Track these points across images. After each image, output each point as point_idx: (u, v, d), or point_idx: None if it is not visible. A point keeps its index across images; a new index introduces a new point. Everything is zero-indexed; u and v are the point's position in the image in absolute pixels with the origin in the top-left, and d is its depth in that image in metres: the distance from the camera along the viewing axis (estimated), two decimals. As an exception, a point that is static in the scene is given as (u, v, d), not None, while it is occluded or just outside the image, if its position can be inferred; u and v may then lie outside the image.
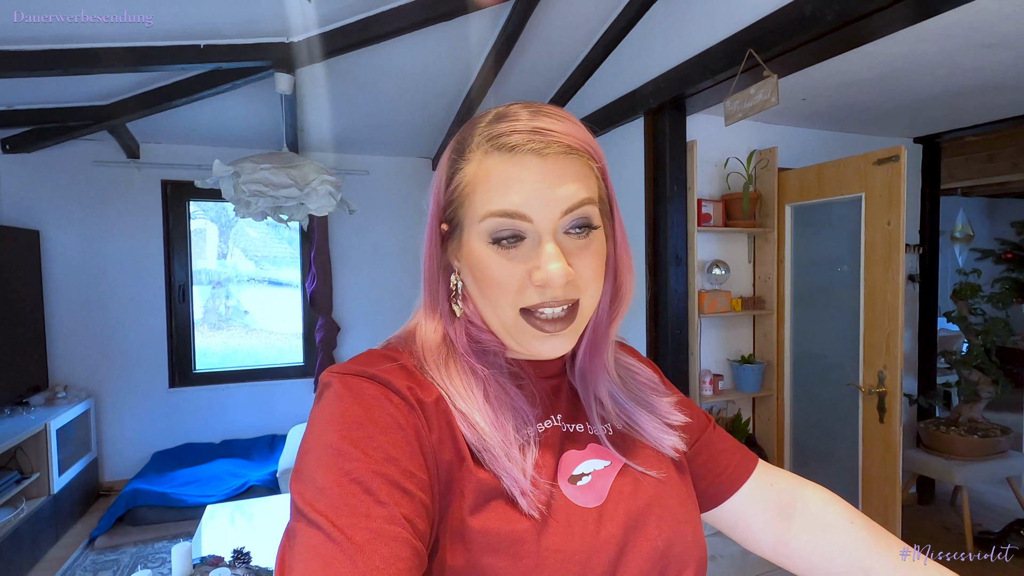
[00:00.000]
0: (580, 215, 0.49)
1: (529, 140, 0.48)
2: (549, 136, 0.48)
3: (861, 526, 0.60)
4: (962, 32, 1.85)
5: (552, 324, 0.49)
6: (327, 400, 0.46)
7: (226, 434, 3.72)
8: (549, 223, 0.48)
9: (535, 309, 0.49)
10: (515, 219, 0.47)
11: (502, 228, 0.48)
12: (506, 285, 0.49)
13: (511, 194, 0.47)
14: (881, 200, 2.20)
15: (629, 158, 2.57)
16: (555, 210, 0.48)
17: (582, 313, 0.51)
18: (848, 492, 2.40)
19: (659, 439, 0.57)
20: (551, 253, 0.47)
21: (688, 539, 0.52)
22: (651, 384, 0.63)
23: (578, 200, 0.48)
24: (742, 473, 0.63)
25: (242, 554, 1.80)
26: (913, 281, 3.17)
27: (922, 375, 3.20)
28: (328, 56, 2.33)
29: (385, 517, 0.39)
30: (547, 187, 0.47)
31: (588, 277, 0.50)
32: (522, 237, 0.48)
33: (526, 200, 0.47)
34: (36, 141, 3.10)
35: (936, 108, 2.64)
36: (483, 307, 0.52)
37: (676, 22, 2.18)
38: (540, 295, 0.48)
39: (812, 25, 1.58)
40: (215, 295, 4.13)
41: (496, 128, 0.49)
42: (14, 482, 2.59)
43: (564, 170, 0.48)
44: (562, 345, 0.51)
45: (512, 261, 0.48)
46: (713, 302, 2.55)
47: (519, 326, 0.50)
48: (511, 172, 0.48)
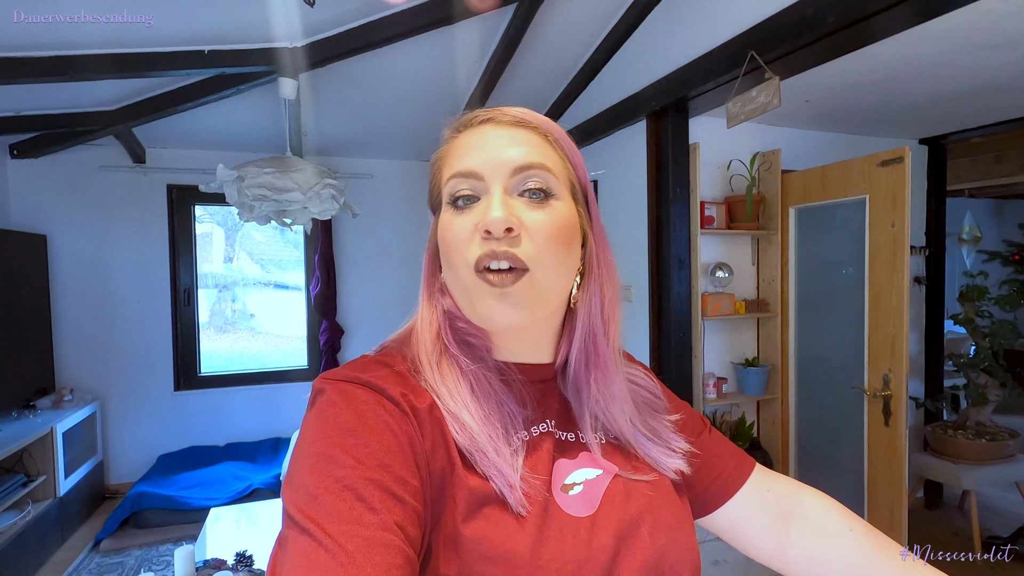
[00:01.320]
0: (533, 176, 0.51)
1: (486, 114, 0.54)
2: (505, 111, 0.54)
3: (861, 532, 0.59)
4: (966, 33, 1.83)
5: (498, 277, 0.48)
6: (320, 407, 0.46)
7: (231, 437, 3.73)
8: (499, 179, 0.50)
9: (482, 263, 0.49)
10: (469, 178, 0.51)
11: (458, 188, 0.51)
12: (459, 241, 0.50)
13: (467, 157, 0.52)
14: (886, 202, 2.19)
15: (632, 161, 2.57)
16: (505, 167, 0.50)
17: (536, 285, 0.50)
18: (854, 496, 2.38)
19: (661, 461, 0.56)
20: (494, 201, 0.49)
21: (682, 547, 0.52)
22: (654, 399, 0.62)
23: (529, 161, 0.51)
24: (738, 478, 0.63)
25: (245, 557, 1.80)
26: (919, 283, 3.15)
27: (929, 378, 3.18)
28: (331, 61, 2.34)
29: (377, 524, 0.39)
30: (499, 148, 0.51)
31: (541, 241, 0.49)
32: (476, 197, 0.51)
33: (478, 160, 0.51)
34: (43, 146, 3.13)
35: (941, 109, 2.63)
36: (449, 279, 0.53)
37: (678, 25, 2.18)
38: (484, 246, 0.49)
39: (814, 27, 1.57)
40: (221, 298, 4.16)
41: (461, 118, 0.56)
42: (20, 485, 2.60)
43: (517, 136, 0.52)
44: (508, 306, 0.49)
45: (465, 217, 0.51)
46: (716, 305, 2.54)
47: (475, 286, 0.50)
48: (469, 141, 0.53)
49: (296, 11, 2.11)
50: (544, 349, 0.57)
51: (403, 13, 2.19)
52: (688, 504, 0.58)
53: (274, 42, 2.29)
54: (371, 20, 2.22)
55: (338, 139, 3.55)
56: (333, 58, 2.32)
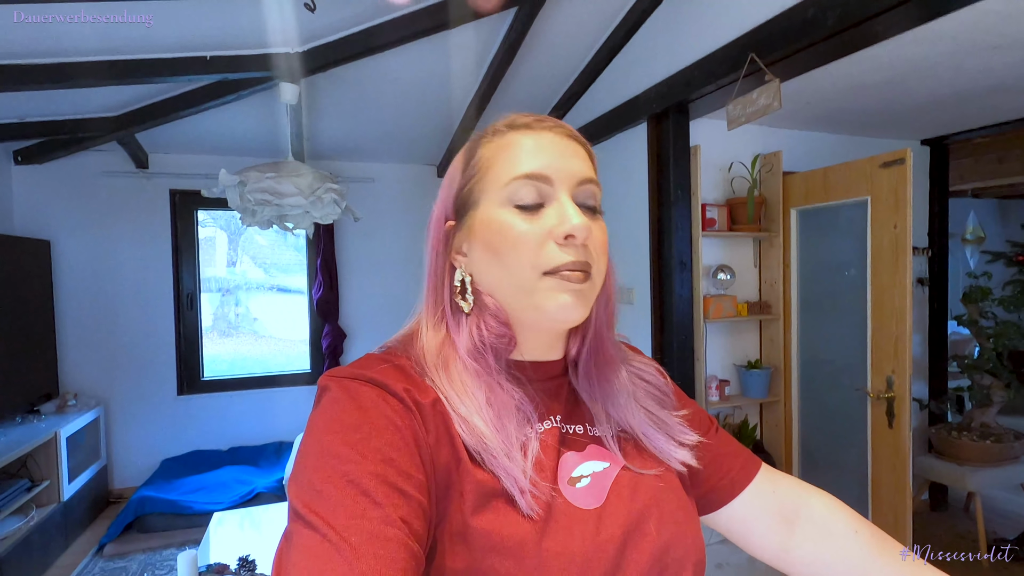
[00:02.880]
0: (590, 192, 0.54)
1: (542, 121, 0.55)
2: (559, 124, 0.55)
3: (866, 534, 0.59)
4: (968, 34, 1.83)
5: (576, 275, 0.51)
6: (325, 404, 0.47)
7: (234, 441, 3.73)
8: (567, 187, 0.52)
9: (559, 270, 0.50)
10: (538, 181, 0.51)
11: (525, 190, 0.51)
12: (527, 243, 0.51)
13: (535, 158, 0.52)
14: (888, 203, 2.19)
15: (633, 163, 2.57)
16: (572, 177, 0.53)
17: (595, 286, 0.53)
18: (858, 498, 2.37)
19: (669, 452, 0.57)
20: (573, 209, 0.51)
21: (687, 541, 0.53)
22: (661, 395, 0.63)
23: (590, 176, 0.54)
24: (744, 477, 0.63)
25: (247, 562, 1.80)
26: (922, 284, 3.14)
27: (933, 379, 3.16)
28: (332, 66, 2.35)
29: (381, 519, 0.39)
30: (564, 157, 0.53)
31: (599, 249, 0.53)
32: (541, 204, 0.52)
33: (548, 164, 0.52)
34: (47, 152, 3.15)
35: (943, 110, 2.62)
36: (498, 277, 0.53)
37: (678, 27, 2.19)
38: (563, 254, 0.50)
39: (814, 29, 1.57)
40: (225, 302, 4.17)
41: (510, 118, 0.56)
42: (24, 490, 2.61)
43: (577, 150, 0.55)
44: (582, 303, 0.52)
45: (533, 220, 0.51)
46: (718, 307, 2.54)
47: (541, 287, 0.51)
48: (531, 142, 0.53)
49: (297, 17, 2.11)
50: (558, 346, 0.59)
51: (403, 18, 2.20)
52: (693, 499, 0.59)
53: (275, 47, 2.30)
54: (372, 25, 2.23)
55: (340, 143, 3.56)
56: (334, 63, 2.32)
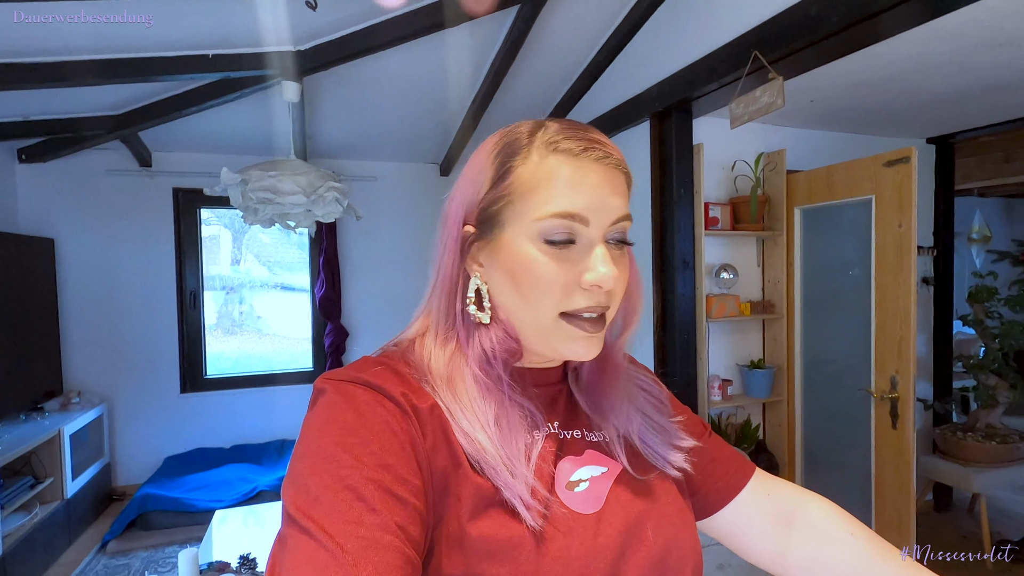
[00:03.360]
0: (623, 228, 0.52)
1: (591, 148, 0.50)
2: (606, 148, 0.51)
3: (863, 538, 0.59)
4: (972, 31, 1.82)
5: (592, 324, 0.50)
6: (321, 406, 0.46)
7: (236, 439, 3.75)
8: (601, 229, 0.50)
9: (579, 313, 0.50)
10: (575, 221, 0.49)
11: (559, 229, 0.49)
12: (553, 285, 0.49)
13: (576, 196, 0.48)
14: (892, 202, 2.17)
15: (635, 162, 2.56)
16: (608, 218, 0.50)
17: (608, 323, 0.53)
18: (861, 499, 2.35)
19: (666, 457, 0.57)
20: (604, 255, 0.49)
21: (685, 545, 0.53)
22: (658, 402, 0.63)
23: (624, 213, 0.51)
24: (738, 481, 0.63)
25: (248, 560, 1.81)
26: (927, 284, 3.12)
27: (938, 379, 3.14)
28: (334, 64, 2.34)
29: (378, 525, 0.39)
30: (605, 195, 0.49)
31: (619, 288, 0.52)
32: (573, 241, 0.49)
33: (588, 204, 0.49)
34: (51, 151, 3.16)
35: (948, 108, 2.60)
36: (518, 310, 0.51)
37: (681, 25, 2.17)
38: (586, 299, 0.49)
39: (817, 27, 1.56)
40: (229, 300, 4.17)
41: (553, 134, 0.50)
42: (28, 487, 2.62)
43: (617, 182, 0.51)
44: (594, 348, 0.51)
45: (562, 263, 0.49)
46: (721, 306, 2.53)
47: (557, 328, 0.50)
48: (575, 176, 0.49)
49: (299, 15, 2.11)
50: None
51: (405, 16, 2.19)
52: (691, 503, 0.59)
53: (277, 46, 2.30)
54: (373, 23, 2.22)
55: (342, 142, 3.56)
56: (336, 61, 2.32)
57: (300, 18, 2.14)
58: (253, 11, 2.08)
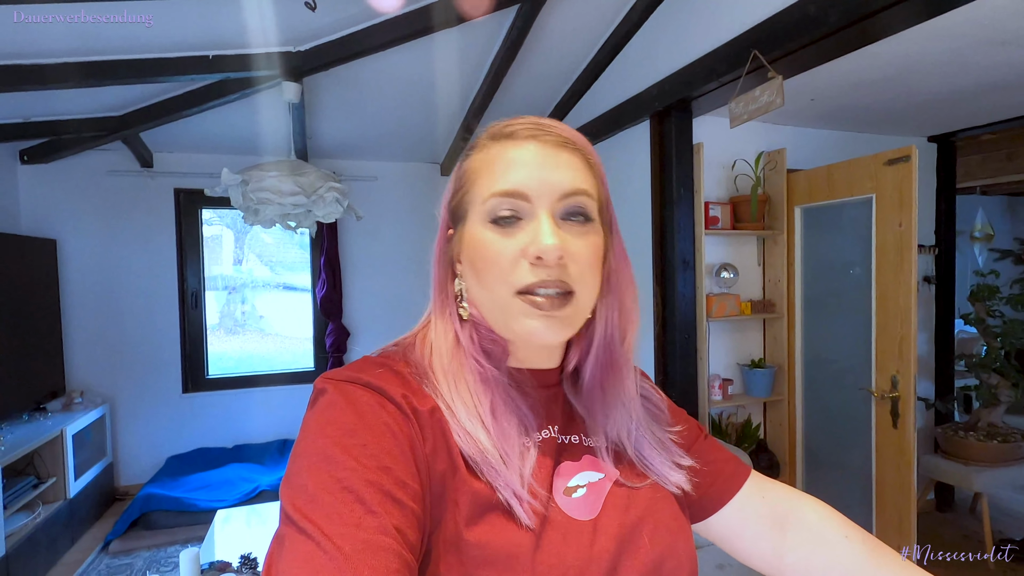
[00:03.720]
0: (577, 203, 0.51)
1: (529, 129, 0.52)
2: (548, 128, 0.52)
3: (858, 540, 0.59)
4: (972, 30, 1.81)
5: (548, 301, 0.49)
6: (321, 406, 0.46)
7: (238, 439, 3.75)
8: (547, 203, 0.50)
9: (531, 289, 0.49)
10: (514, 198, 0.49)
11: (501, 207, 0.50)
12: (500, 261, 0.49)
13: (511, 174, 0.50)
14: (892, 201, 2.17)
15: (635, 161, 2.56)
16: (553, 192, 0.50)
17: (579, 307, 0.51)
18: (862, 499, 2.35)
19: (666, 475, 0.57)
20: (546, 227, 0.48)
21: (680, 552, 0.53)
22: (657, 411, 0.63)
23: (575, 187, 0.50)
24: (734, 485, 0.63)
25: (249, 560, 1.81)
26: (929, 283, 3.11)
27: (939, 378, 3.14)
28: (334, 64, 2.35)
29: (376, 527, 0.38)
30: (546, 170, 0.50)
31: (584, 265, 0.50)
32: (519, 217, 0.50)
33: (525, 180, 0.49)
34: (53, 152, 3.17)
35: (949, 107, 2.60)
36: (479, 294, 0.52)
37: (680, 25, 2.17)
38: (534, 273, 0.49)
39: (817, 25, 1.56)
40: (231, 300, 4.18)
41: (498, 125, 0.54)
42: (31, 487, 2.63)
43: (561, 158, 0.51)
44: (555, 328, 0.50)
45: (508, 238, 0.50)
46: (722, 306, 2.53)
47: (513, 306, 0.50)
48: (512, 155, 0.51)
49: (298, 16, 2.12)
50: (556, 355, 0.58)
51: (405, 16, 2.19)
52: (687, 510, 0.59)
53: (277, 46, 2.30)
54: (373, 24, 2.23)
55: (343, 142, 3.56)
56: (336, 62, 2.33)
57: (300, 19, 2.14)
58: (253, 12, 2.09)
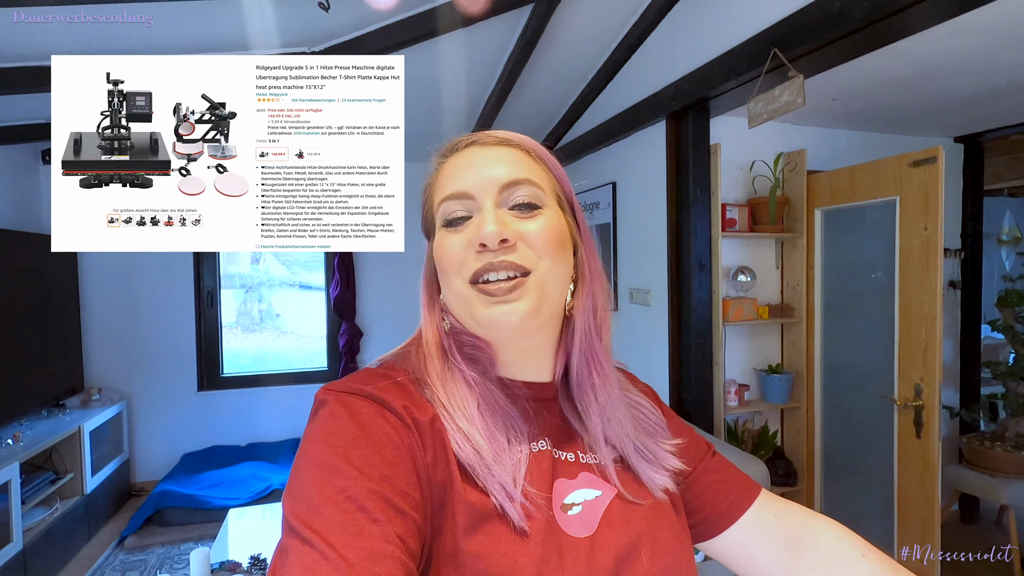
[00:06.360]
0: (521, 190, 0.53)
1: (469, 138, 0.57)
2: (488, 133, 0.57)
3: (874, 559, 0.57)
4: (1005, 26, 1.74)
5: (496, 287, 0.50)
6: (322, 418, 0.46)
7: (252, 437, 3.79)
8: (489, 196, 0.52)
9: (479, 275, 0.50)
10: (461, 199, 0.53)
11: (451, 210, 0.53)
12: (453, 257, 0.52)
13: (456, 178, 0.54)
14: (917, 204, 2.10)
15: (651, 162, 2.52)
16: (493, 185, 0.52)
17: (541, 286, 0.51)
18: (883, 510, 2.29)
19: (651, 478, 0.57)
20: (487, 216, 0.51)
21: (681, 571, 0.52)
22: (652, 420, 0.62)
23: (515, 178, 0.53)
24: (743, 502, 0.62)
25: (259, 560, 1.81)
26: (954, 287, 3.02)
27: (964, 386, 3.05)
28: (348, 65, 2.34)
29: (379, 535, 0.39)
30: (486, 167, 0.53)
31: (539, 244, 0.52)
32: (470, 216, 0.53)
33: (467, 179, 0.53)
34: (73, 152, 3.22)
35: (977, 106, 2.51)
36: (448, 296, 0.55)
37: (698, 22, 2.13)
38: (481, 260, 0.50)
39: (840, 22, 1.51)
40: (248, 298, 4.22)
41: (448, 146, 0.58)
42: (49, 482, 2.68)
43: (501, 155, 0.55)
44: (512, 311, 0.50)
45: (458, 235, 0.53)
46: (738, 310, 2.48)
47: (471, 298, 0.51)
48: (456, 162, 0.55)
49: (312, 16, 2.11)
50: (545, 363, 0.57)
51: (419, 16, 2.18)
52: (687, 528, 0.59)
53: (291, 47, 2.31)
54: (387, 24, 2.22)
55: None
56: (350, 62, 2.32)
57: (314, 19, 2.14)
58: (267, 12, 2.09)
